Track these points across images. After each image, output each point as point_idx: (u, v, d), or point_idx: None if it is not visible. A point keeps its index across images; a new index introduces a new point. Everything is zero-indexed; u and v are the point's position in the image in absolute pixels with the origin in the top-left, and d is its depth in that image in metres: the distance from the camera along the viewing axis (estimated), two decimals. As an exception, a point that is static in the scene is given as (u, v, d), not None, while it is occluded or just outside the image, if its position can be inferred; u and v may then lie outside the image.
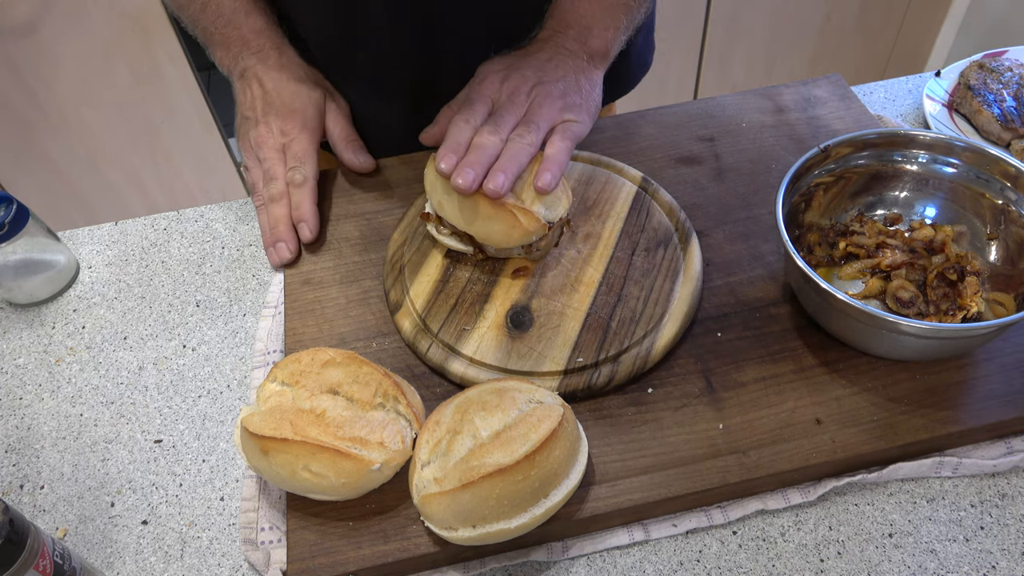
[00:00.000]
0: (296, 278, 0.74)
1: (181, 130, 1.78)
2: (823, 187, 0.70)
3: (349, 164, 0.81)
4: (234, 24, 0.80)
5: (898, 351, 0.61)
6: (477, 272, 0.70)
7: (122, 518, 0.62)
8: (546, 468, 0.53)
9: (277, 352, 0.70)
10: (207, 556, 0.60)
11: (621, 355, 0.64)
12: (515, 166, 0.65)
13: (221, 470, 0.65)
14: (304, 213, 0.76)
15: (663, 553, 0.58)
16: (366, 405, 0.57)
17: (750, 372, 0.64)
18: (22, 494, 0.64)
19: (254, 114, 0.80)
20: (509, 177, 0.64)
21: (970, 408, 0.60)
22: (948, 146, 0.68)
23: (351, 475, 0.55)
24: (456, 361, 0.64)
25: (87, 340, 0.74)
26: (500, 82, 0.72)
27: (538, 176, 0.65)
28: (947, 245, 0.67)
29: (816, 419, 0.60)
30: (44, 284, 0.77)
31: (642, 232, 0.73)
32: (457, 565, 0.58)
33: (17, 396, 0.71)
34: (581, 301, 0.67)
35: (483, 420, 0.54)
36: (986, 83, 0.87)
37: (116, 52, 1.60)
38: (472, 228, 0.66)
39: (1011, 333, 0.64)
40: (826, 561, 0.56)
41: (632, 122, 0.86)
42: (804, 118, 0.85)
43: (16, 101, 1.62)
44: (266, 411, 0.57)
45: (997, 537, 0.57)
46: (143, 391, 0.70)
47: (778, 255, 0.72)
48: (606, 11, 0.77)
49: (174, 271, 0.79)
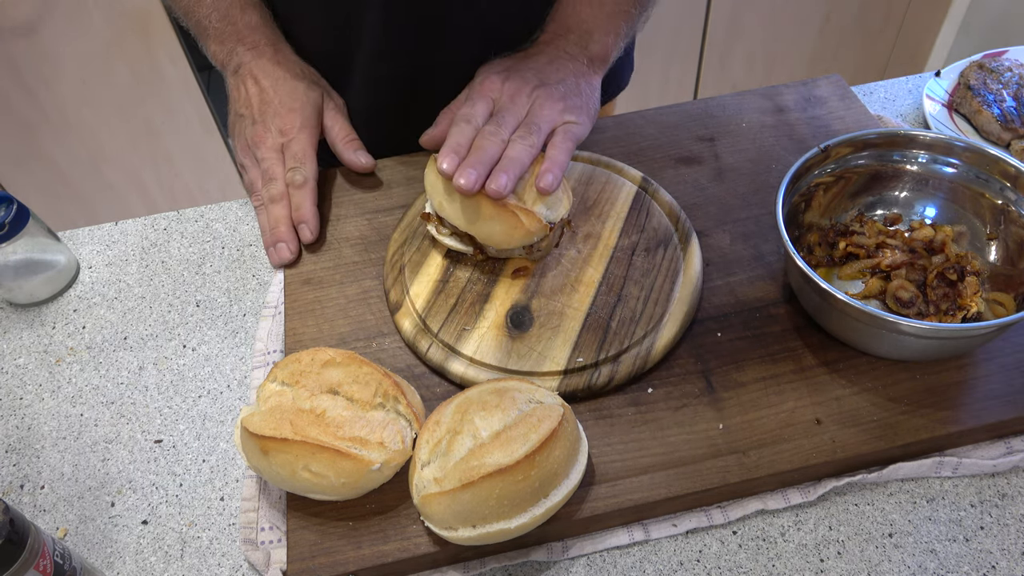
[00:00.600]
0: (296, 278, 0.74)
1: (181, 130, 1.78)
2: (823, 187, 0.70)
3: (349, 164, 0.80)
4: (229, 19, 0.79)
5: (898, 351, 0.61)
6: (477, 272, 0.70)
7: (122, 518, 0.62)
8: (546, 468, 0.53)
9: (277, 352, 0.70)
10: (207, 556, 0.60)
11: (621, 355, 0.64)
12: (517, 167, 0.65)
13: (221, 470, 0.65)
14: (304, 214, 0.75)
15: (663, 553, 0.58)
16: (366, 405, 0.57)
17: (750, 372, 0.64)
18: (22, 494, 0.64)
19: (250, 112, 0.78)
20: (511, 178, 0.64)
21: (970, 408, 0.60)
22: (948, 146, 0.68)
23: (351, 475, 0.55)
24: (456, 361, 0.64)
25: (87, 340, 0.74)
26: (501, 83, 0.72)
27: (540, 177, 0.65)
28: (947, 245, 0.67)
29: (816, 419, 0.60)
30: (44, 284, 0.77)
31: (642, 232, 0.73)
32: (457, 565, 0.58)
33: (17, 396, 0.71)
34: (581, 301, 0.67)
35: (483, 420, 0.54)
36: (986, 83, 0.87)
37: (116, 52, 1.60)
38: (473, 229, 0.66)
39: (1011, 333, 0.64)
40: (826, 561, 0.56)
41: (632, 122, 0.86)
42: (804, 118, 0.85)
43: (16, 101, 1.62)
44: (266, 411, 0.57)
45: (997, 537, 0.57)
46: (143, 391, 0.70)
47: (778, 255, 0.72)
48: (607, 17, 0.77)
49: (174, 271, 0.79)
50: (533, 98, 0.71)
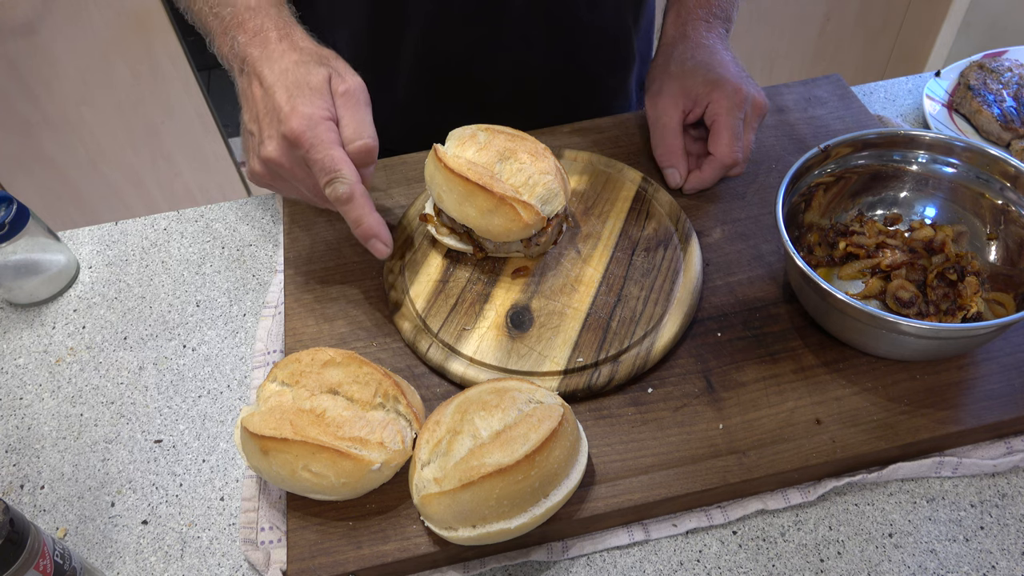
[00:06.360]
0: (296, 278, 0.74)
1: (181, 130, 1.78)
2: (823, 187, 0.70)
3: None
4: (228, 2, 0.68)
5: (898, 351, 0.61)
6: (477, 272, 0.70)
7: (122, 518, 0.62)
8: (546, 468, 0.53)
9: (277, 352, 0.70)
10: (207, 556, 0.60)
11: (621, 355, 0.64)
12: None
13: (221, 470, 0.65)
14: (371, 227, 0.62)
15: (663, 553, 0.58)
16: (366, 405, 0.57)
17: (750, 372, 0.64)
18: (22, 494, 0.64)
19: (257, 129, 0.64)
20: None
21: (970, 408, 0.60)
22: (948, 146, 0.68)
23: (351, 475, 0.55)
24: (456, 361, 0.64)
25: (87, 340, 0.74)
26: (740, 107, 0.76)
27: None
28: (947, 245, 0.67)
29: (816, 419, 0.60)
30: (44, 284, 0.77)
31: (642, 232, 0.73)
32: (457, 565, 0.58)
33: (17, 396, 0.71)
34: (581, 301, 0.67)
35: (483, 420, 0.54)
36: (986, 83, 0.87)
37: (116, 52, 1.60)
38: (472, 222, 0.66)
39: (1011, 333, 0.64)
40: (826, 561, 0.56)
41: (632, 122, 0.86)
42: (804, 118, 0.85)
43: (16, 101, 1.62)
44: (266, 411, 0.57)
45: (997, 537, 0.57)
46: (143, 391, 0.70)
47: (778, 255, 0.72)
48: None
49: (174, 271, 0.79)
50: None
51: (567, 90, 0.93)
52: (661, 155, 0.79)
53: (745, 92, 0.75)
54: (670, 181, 0.78)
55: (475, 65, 0.87)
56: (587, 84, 0.95)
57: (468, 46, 0.85)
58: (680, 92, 0.77)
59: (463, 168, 0.66)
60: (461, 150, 0.68)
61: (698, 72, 0.77)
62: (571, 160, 0.80)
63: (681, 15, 0.83)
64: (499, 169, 0.67)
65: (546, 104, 0.92)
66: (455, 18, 0.82)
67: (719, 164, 0.75)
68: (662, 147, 0.78)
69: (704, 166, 0.76)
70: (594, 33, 0.89)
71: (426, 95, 0.90)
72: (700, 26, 0.81)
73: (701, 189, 0.77)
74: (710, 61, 0.78)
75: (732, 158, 0.74)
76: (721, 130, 0.74)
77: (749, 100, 0.75)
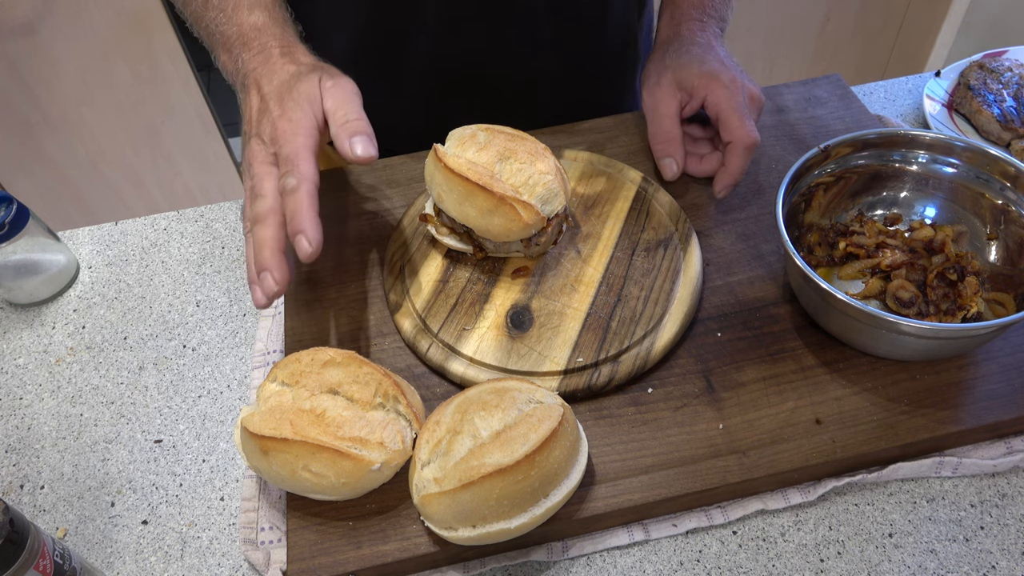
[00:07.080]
0: (296, 278, 0.74)
1: (181, 130, 1.78)
2: (823, 187, 0.70)
3: (342, 152, 0.63)
4: (234, 21, 0.71)
5: (898, 351, 0.61)
6: (477, 272, 0.70)
7: (122, 518, 0.62)
8: (546, 468, 0.53)
9: (277, 352, 0.70)
10: (207, 556, 0.60)
11: (621, 355, 0.64)
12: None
13: (221, 470, 0.65)
14: (300, 223, 0.58)
15: (663, 553, 0.58)
16: (366, 405, 0.57)
17: (750, 372, 0.64)
18: (22, 494, 0.64)
19: (250, 127, 0.67)
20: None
21: (970, 408, 0.60)
22: (948, 146, 0.68)
23: (351, 475, 0.55)
24: (456, 361, 0.64)
25: (87, 340, 0.74)
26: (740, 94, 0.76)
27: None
28: (947, 245, 0.67)
29: (816, 419, 0.60)
30: (44, 284, 0.77)
31: (642, 232, 0.73)
32: (457, 565, 0.58)
33: (17, 396, 0.71)
34: (581, 301, 0.67)
35: (483, 420, 0.54)
36: (986, 83, 0.87)
37: (116, 52, 1.60)
38: (471, 221, 0.66)
39: (1011, 333, 0.64)
40: (826, 561, 0.56)
41: (632, 122, 0.86)
42: (804, 118, 0.85)
43: (16, 101, 1.62)
44: (266, 411, 0.57)
45: (997, 537, 0.57)
46: (143, 391, 0.70)
47: (778, 255, 0.72)
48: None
49: (174, 271, 0.79)
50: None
51: (571, 90, 0.93)
52: (658, 143, 0.78)
53: (741, 83, 0.75)
54: (666, 173, 0.77)
55: (480, 65, 0.87)
56: (592, 84, 0.95)
57: (474, 46, 0.85)
58: (676, 83, 0.77)
59: (463, 168, 0.66)
60: (461, 150, 0.68)
61: (693, 64, 0.77)
62: (571, 160, 0.80)
63: (675, 16, 0.83)
64: (499, 169, 0.67)
65: (548, 104, 0.92)
66: (461, 18, 0.82)
67: (741, 148, 0.73)
68: (659, 134, 0.77)
69: (728, 158, 0.74)
70: (602, 32, 0.89)
71: (428, 95, 0.90)
72: (694, 25, 0.81)
73: (733, 184, 0.75)
74: (705, 56, 0.78)
75: (751, 137, 0.73)
76: (730, 116, 0.73)
77: (745, 91, 0.75)
